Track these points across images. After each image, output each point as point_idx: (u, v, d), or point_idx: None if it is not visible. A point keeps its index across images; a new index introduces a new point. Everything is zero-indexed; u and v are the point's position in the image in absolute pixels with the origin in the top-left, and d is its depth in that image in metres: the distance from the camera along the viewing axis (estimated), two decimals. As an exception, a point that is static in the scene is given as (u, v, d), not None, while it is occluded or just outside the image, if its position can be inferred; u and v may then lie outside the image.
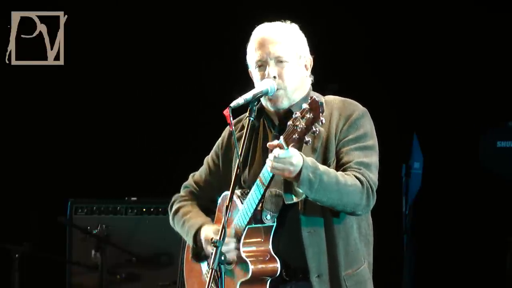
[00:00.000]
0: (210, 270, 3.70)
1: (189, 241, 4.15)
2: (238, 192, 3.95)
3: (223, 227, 3.72)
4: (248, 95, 3.88)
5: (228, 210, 3.76)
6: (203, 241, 4.05)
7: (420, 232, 7.48)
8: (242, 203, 3.90)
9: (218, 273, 3.70)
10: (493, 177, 7.42)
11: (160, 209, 7.07)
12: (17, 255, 6.79)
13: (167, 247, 7.00)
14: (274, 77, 3.94)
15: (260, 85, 3.94)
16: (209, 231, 4.02)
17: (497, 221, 7.45)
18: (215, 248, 3.69)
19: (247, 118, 3.89)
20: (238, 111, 4.03)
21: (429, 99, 7.69)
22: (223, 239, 3.73)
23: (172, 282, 6.88)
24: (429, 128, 7.66)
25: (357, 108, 3.97)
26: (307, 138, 3.57)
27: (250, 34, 4.07)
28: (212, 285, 3.73)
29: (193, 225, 4.13)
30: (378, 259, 4.06)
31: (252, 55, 4.01)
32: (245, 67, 4.15)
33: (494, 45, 7.54)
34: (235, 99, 3.85)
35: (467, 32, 7.56)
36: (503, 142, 7.39)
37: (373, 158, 3.90)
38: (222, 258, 3.69)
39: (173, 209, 4.30)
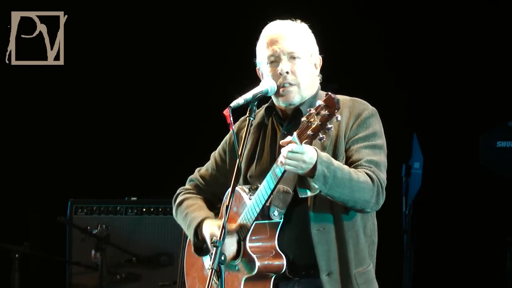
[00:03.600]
0: (210, 270, 3.69)
1: (190, 234, 4.15)
2: (245, 188, 3.96)
3: (223, 227, 3.72)
4: (248, 95, 3.88)
5: (228, 210, 3.76)
6: (205, 235, 4.04)
7: (420, 232, 7.48)
8: (250, 199, 3.90)
9: (218, 273, 3.69)
10: (493, 177, 7.42)
11: (160, 209, 7.08)
12: (17, 255, 6.79)
13: (167, 247, 7.00)
14: (287, 72, 3.94)
15: (260, 85, 3.95)
16: (212, 226, 4.02)
17: (497, 221, 7.45)
18: (215, 248, 3.69)
19: (248, 117, 3.88)
20: (238, 111, 4.03)
21: (429, 99, 7.70)
22: (223, 239, 3.73)
23: (172, 282, 6.88)
24: (429, 128, 7.66)
25: (367, 107, 3.98)
26: (321, 135, 3.57)
27: (252, 35, 4.07)
28: (214, 283, 3.73)
29: (195, 218, 4.13)
30: (378, 259, 4.06)
31: (263, 51, 4.00)
32: (247, 68, 4.15)
33: (494, 45, 7.54)
34: (235, 99, 3.85)
35: (467, 32, 7.57)
36: (503, 142, 7.39)
37: (382, 157, 3.92)
38: (222, 258, 3.69)
39: (177, 201, 4.30)
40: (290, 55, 3.95)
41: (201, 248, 4.15)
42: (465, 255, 7.59)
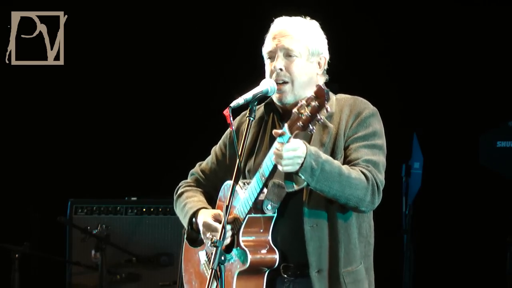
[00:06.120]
0: (210, 270, 3.69)
1: (185, 223, 4.17)
2: (241, 182, 3.94)
3: (223, 227, 3.72)
4: (248, 95, 3.88)
5: (228, 210, 3.76)
6: (199, 224, 4.05)
7: (420, 232, 7.48)
8: (244, 193, 3.89)
9: (218, 273, 3.69)
10: (493, 177, 7.42)
11: (160, 209, 7.08)
12: (17, 255, 6.79)
13: (167, 247, 7.00)
14: (281, 69, 3.94)
15: (260, 85, 3.95)
16: (207, 216, 4.03)
17: (497, 221, 7.45)
18: (215, 248, 3.69)
19: (247, 117, 3.88)
20: (238, 111, 4.03)
21: (429, 99, 7.70)
22: (223, 239, 3.73)
23: (172, 282, 6.88)
24: (429, 128, 7.66)
25: (368, 107, 3.97)
26: (311, 126, 3.56)
27: (254, 34, 4.08)
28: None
29: (192, 208, 4.14)
30: (378, 259, 4.06)
31: (265, 46, 4.02)
32: (248, 67, 4.15)
33: (494, 45, 7.54)
34: (235, 99, 3.85)
35: (467, 32, 7.57)
36: (503, 142, 7.39)
37: (381, 158, 3.90)
38: (222, 258, 3.69)
39: (178, 193, 4.31)
40: (286, 53, 3.95)
41: (195, 239, 4.17)
42: (465, 255, 7.59)
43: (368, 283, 3.96)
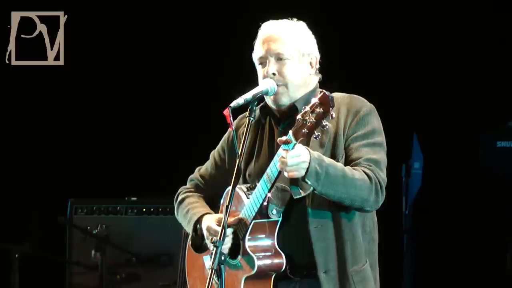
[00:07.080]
0: (210, 270, 3.70)
1: (189, 229, 4.17)
2: (243, 187, 3.96)
3: (223, 227, 3.72)
4: (248, 95, 3.89)
5: (228, 210, 3.76)
6: (203, 230, 4.05)
7: (420, 232, 7.48)
8: (247, 198, 3.90)
9: (218, 273, 3.69)
10: (493, 177, 7.42)
11: (160, 209, 7.08)
12: (17, 255, 6.80)
13: (167, 247, 7.00)
14: (274, 74, 3.94)
15: (260, 85, 3.95)
16: (211, 221, 4.03)
17: (497, 221, 7.45)
18: (215, 248, 3.69)
19: (247, 117, 3.88)
20: (238, 111, 4.03)
21: (429, 99, 7.70)
22: (223, 239, 3.73)
23: (172, 282, 6.88)
24: (429, 128, 7.66)
25: (365, 104, 3.99)
26: (316, 133, 3.58)
27: (252, 35, 4.08)
28: (214, 283, 3.73)
29: (196, 214, 4.14)
30: (378, 259, 4.06)
31: (255, 52, 4.04)
32: (248, 67, 4.16)
33: (494, 45, 7.54)
34: (235, 99, 3.85)
35: (467, 32, 7.57)
36: (503, 142, 7.39)
37: (382, 155, 3.92)
38: (222, 258, 3.69)
39: (178, 199, 4.32)
40: (277, 57, 3.96)
41: (199, 245, 4.17)
42: (465, 255, 7.59)
43: (373, 280, 3.98)
